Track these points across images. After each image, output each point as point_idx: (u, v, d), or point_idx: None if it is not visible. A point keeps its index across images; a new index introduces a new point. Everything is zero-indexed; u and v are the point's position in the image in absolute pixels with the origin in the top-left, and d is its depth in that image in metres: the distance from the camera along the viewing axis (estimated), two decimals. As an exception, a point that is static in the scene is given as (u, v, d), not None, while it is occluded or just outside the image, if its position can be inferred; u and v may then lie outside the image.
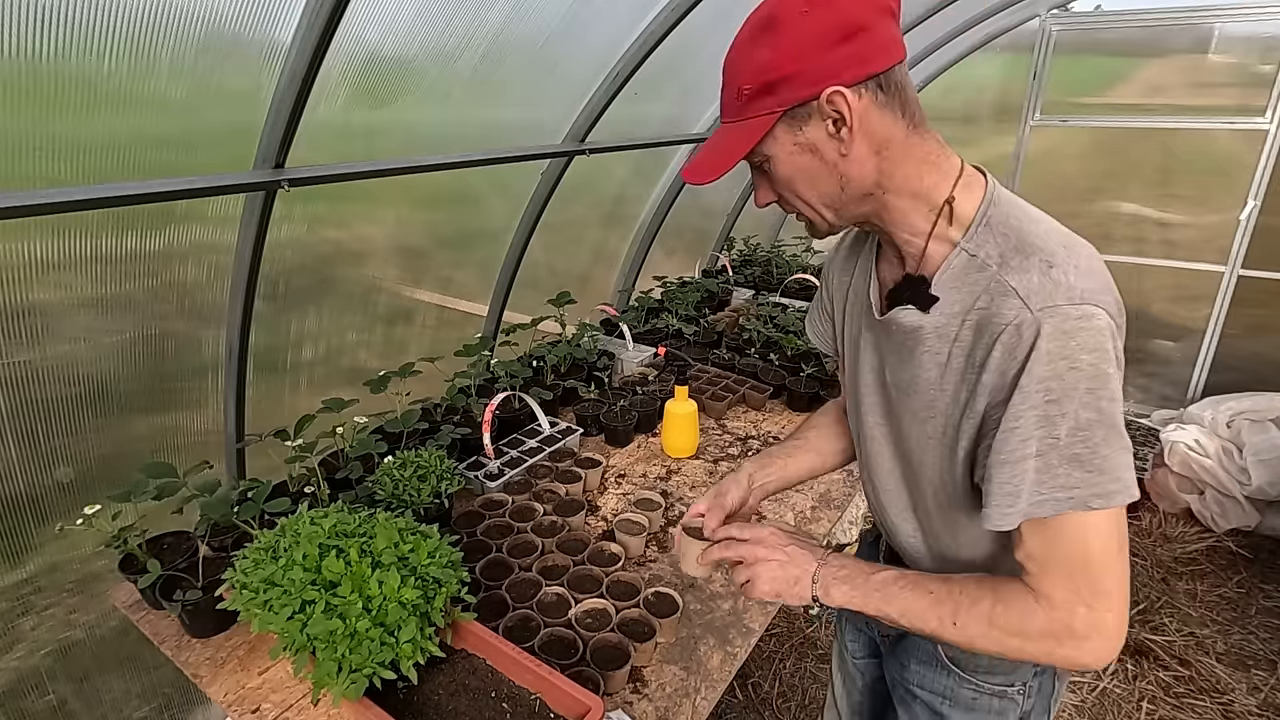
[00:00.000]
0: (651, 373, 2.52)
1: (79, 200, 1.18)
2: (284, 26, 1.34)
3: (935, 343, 0.83)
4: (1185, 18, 3.60)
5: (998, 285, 0.76)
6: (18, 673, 1.51)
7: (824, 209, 0.85)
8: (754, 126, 0.80)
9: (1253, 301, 3.72)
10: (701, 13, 2.09)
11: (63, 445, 1.48)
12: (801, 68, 0.75)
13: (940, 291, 0.81)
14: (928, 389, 0.85)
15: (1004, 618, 0.80)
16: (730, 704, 2.40)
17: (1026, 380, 0.72)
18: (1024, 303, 0.73)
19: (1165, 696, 2.42)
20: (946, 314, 0.81)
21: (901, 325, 0.86)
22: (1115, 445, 0.72)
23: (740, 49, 0.81)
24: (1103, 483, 0.72)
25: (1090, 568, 0.76)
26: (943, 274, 0.81)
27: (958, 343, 0.80)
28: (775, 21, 0.76)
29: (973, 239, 0.80)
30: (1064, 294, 0.72)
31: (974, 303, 0.78)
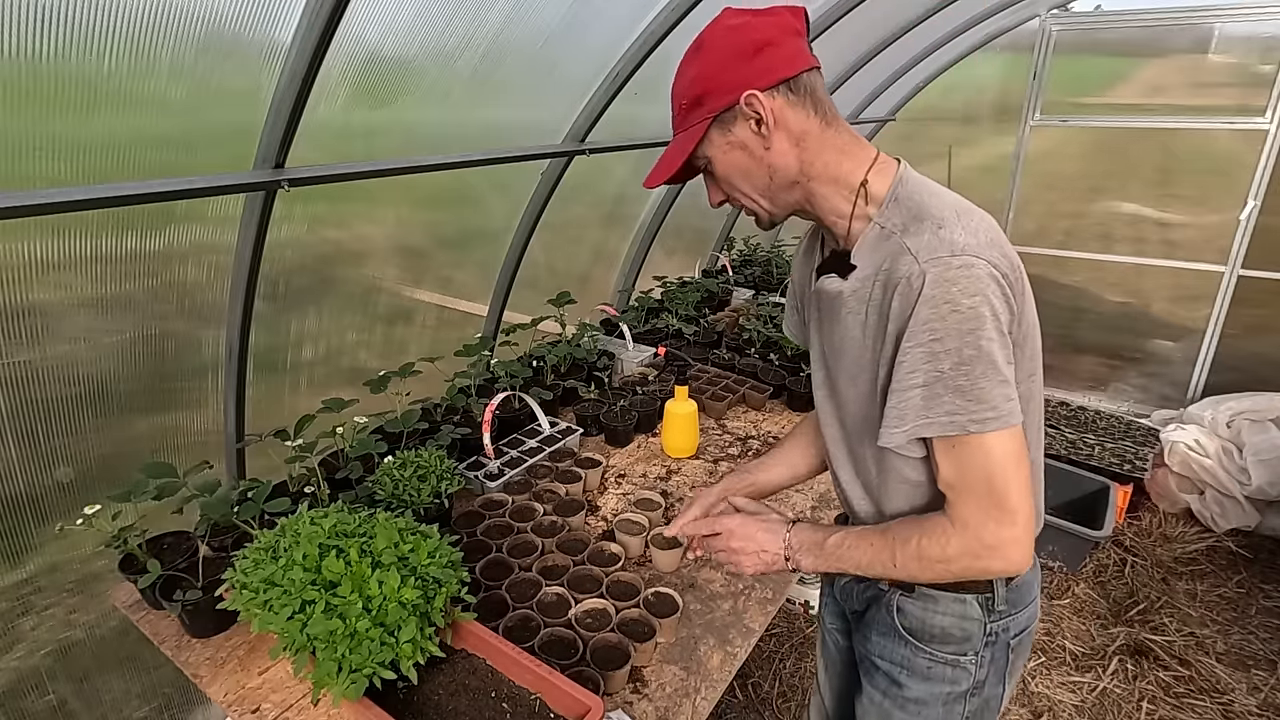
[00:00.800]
0: (651, 373, 2.52)
1: (79, 200, 1.18)
2: (284, 26, 1.34)
3: (855, 304, 0.95)
4: (1185, 18, 3.60)
5: (898, 247, 0.88)
6: (18, 673, 1.51)
7: (760, 198, 0.99)
8: (691, 134, 0.95)
9: (1253, 301, 3.72)
10: (701, 13, 2.09)
11: (63, 445, 1.48)
12: (723, 79, 0.91)
13: (857, 260, 0.94)
14: (854, 348, 0.97)
15: (929, 548, 0.91)
16: (730, 704, 2.40)
17: (914, 322, 0.84)
18: (914, 258, 0.84)
19: (1165, 696, 2.42)
20: (860, 278, 0.94)
21: (827, 292, 0.99)
22: (993, 379, 0.82)
23: (679, 71, 0.96)
24: (980, 410, 0.82)
25: (994, 488, 0.86)
26: (859, 246, 0.95)
27: (871, 302, 0.92)
28: (701, 45, 0.93)
29: (883, 214, 0.93)
30: (947, 248, 0.83)
31: (881, 265, 0.90)
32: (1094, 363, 4.28)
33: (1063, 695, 2.43)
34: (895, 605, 1.09)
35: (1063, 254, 4.18)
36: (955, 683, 1.08)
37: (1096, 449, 3.54)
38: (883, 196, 0.93)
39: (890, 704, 1.12)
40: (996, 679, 1.08)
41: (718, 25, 0.93)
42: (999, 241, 0.87)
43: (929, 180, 0.96)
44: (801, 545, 1.05)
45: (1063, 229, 4.18)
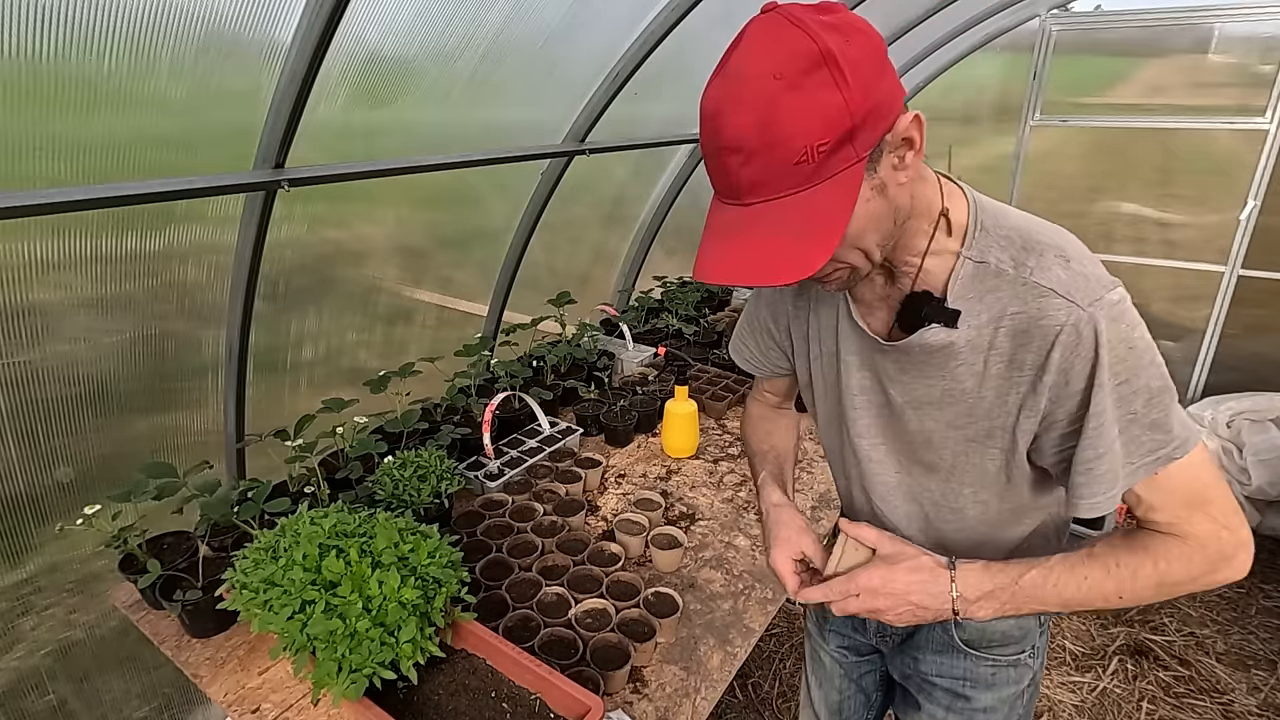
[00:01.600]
0: (651, 373, 2.52)
1: (79, 200, 1.18)
2: (284, 26, 1.34)
3: (969, 355, 0.82)
4: (1185, 18, 3.60)
5: (1028, 288, 0.77)
6: (18, 673, 1.51)
7: (877, 250, 0.77)
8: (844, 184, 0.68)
9: (1253, 301, 3.72)
10: (701, 13, 2.09)
11: (63, 445, 1.48)
12: (877, 98, 0.67)
13: (959, 304, 0.81)
14: (964, 399, 0.85)
15: (1172, 573, 0.82)
16: (730, 704, 2.40)
17: (1100, 374, 0.74)
18: (1069, 300, 0.74)
19: (1165, 696, 2.42)
20: (975, 325, 0.81)
21: (928, 345, 0.84)
22: (1174, 399, 0.77)
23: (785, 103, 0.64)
24: (1177, 435, 0.77)
25: (1210, 497, 0.80)
26: (954, 286, 0.81)
27: (994, 350, 0.81)
28: (830, 58, 0.64)
29: (974, 246, 0.80)
30: (1096, 284, 0.75)
31: (1005, 309, 0.79)
32: (1094, 363, 4.27)
33: (1063, 695, 2.43)
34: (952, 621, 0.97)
35: (1063, 254, 4.17)
36: (1019, 681, 1.07)
37: (1096, 449, 3.53)
38: (964, 225, 0.81)
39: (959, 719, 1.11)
40: (1043, 662, 1.10)
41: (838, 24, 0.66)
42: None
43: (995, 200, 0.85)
44: (978, 594, 0.84)
45: (1063, 229, 4.18)
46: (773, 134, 0.65)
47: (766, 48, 0.66)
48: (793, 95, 0.64)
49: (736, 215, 0.72)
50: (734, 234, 0.72)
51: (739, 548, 1.66)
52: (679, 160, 3.15)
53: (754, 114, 0.65)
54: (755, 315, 1.14)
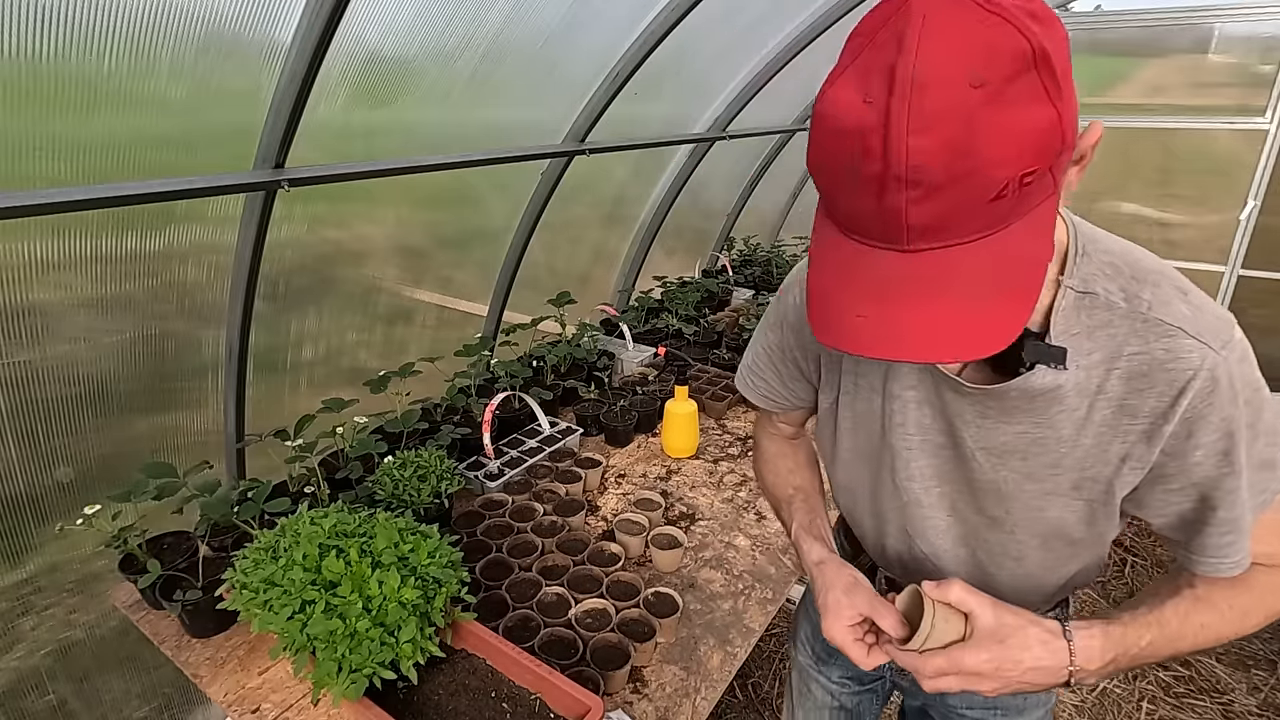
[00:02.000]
0: (651, 373, 2.52)
1: (79, 200, 1.18)
2: (284, 26, 1.34)
3: (1074, 399, 0.72)
4: (1185, 18, 3.60)
5: (1148, 325, 0.67)
6: (18, 673, 1.51)
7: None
8: (1040, 221, 0.56)
9: (1253, 301, 3.72)
10: (701, 13, 2.09)
11: (63, 445, 1.48)
12: (1075, 111, 0.53)
13: (1064, 341, 0.70)
14: (1055, 448, 0.75)
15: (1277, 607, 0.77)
16: (730, 704, 2.40)
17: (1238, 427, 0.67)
18: (1201, 342, 0.66)
19: (1165, 696, 2.42)
20: (1084, 366, 0.70)
21: (1029, 390, 0.72)
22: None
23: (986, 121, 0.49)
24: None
25: None
26: (1057, 321, 0.70)
27: (1103, 394, 0.71)
28: (1043, 59, 0.50)
29: (1075, 274, 0.70)
30: (1224, 322, 0.68)
31: (1120, 349, 0.69)
32: (1094, 363, 4.27)
33: (1063, 695, 2.43)
34: None
35: (1063, 254, 4.18)
36: (1045, 703, 1.06)
37: (1096, 449, 3.53)
38: (1064, 248, 0.71)
39: None
40: None
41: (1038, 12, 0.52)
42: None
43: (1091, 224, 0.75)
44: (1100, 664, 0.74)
45: (1063, 229, 4.18)
46: (969, 162, 0.50)
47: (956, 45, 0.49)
48: (996, 110, 0.49)
49: (897, 265, 0.55)
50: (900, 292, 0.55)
51: (739, 548, 1.66)
52: (679, 160, 3.15)
53: (944, 135, 0.49)
54: (779, 345, 0.99)
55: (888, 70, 0.50)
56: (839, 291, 0.58)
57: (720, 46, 2.56)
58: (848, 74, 0.54)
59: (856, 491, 0.99)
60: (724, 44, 2.55)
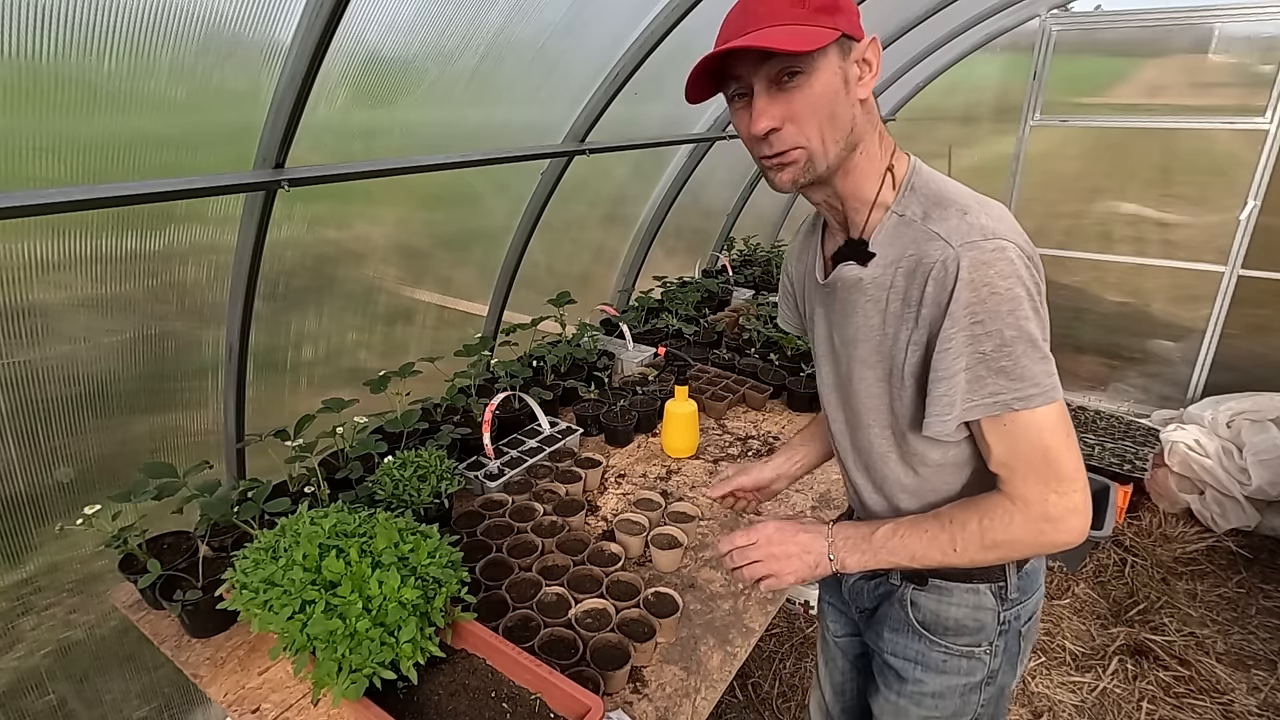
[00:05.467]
0: (651, 373, 2.52)
1: (79, 200, 1.18)
2: (284, 26, 1.34)
3: (875, 291, 0.94)
4: (1185, 18, 3.60)
5: (923, 233, 0.88)
6: (18, 673, 1.51)
7: (832, 144, 0.87)
8: (821, 35, 0.81)
9: (1253, 301, 3.72)
10: (701, 13, 2.09)
11: (63, 445, 1.48)
12: (851, 8, 0.85)
13: (876, 248, 0.93)
14: (872, 335, 0.96)
15: (993, 530, 0.90)
16: (730, 704, 2.40)
17: (955, 306, 0.83)
18: (946, 242, 0.85)
19: (1165, 696, 2.42)
20: (881, 265, 0.93)
21: (845, 281, 0.97)
22: (1034, 357, 0.83)
23: None
24: (1024, 388, 0.83)
25: (1049, 460, 0.86)
26: (878, 234, 0.93)
27: (893, 289, 0.91)
28: None
29: (900, 202, 0.92)
30: (978, 232, 0.84)
31: (904, 252, 0.90)
32: (1094, 363, 4.28)
33: (1063, 695, 2.43)
34: (909, 600, 1.09)
35: (1063, 254, 4.18)
36: (970, 674, 1.08)
37: (1096, 449, 3.54)
38: (900, 184, 0.94)
39: (906, 701, 1.13)
40: (1009, 666, 1.10)
41: None
42: (1017, 228, 0.88)
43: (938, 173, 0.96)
44: (847, 542, 0.99)
45: (1063, 229, 4.18)
46: None
47: None
48: None
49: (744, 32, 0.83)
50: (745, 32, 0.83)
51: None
52: (679, 160, 3.15)
53: None
54: (783, 280, 1.25)
55: None
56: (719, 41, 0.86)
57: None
58: None
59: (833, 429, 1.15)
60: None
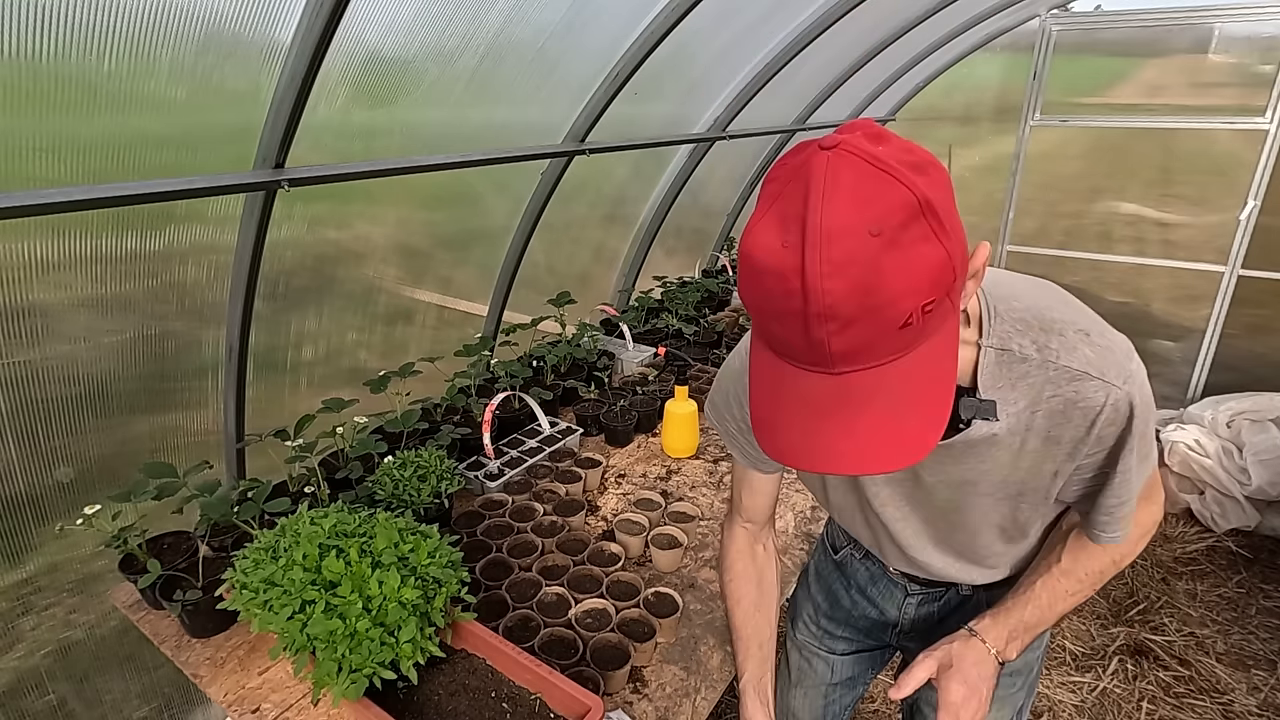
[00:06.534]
0: (651, 373, 2.52)
1: (79, 200, 1.18)
2: (284, 26, 1.34)
3: (1008, 439, 0.84)
4: (1185, 18, 3.60)
5: (1060, 373, 0.79)
6: (18, 673, 1.51)
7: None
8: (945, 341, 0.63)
9: (1253, 301, 3.72)
10: (702, 12, 2.09)
11: (63, 445, 1.48)
12: (963, 243, 0.62)
13: (992, 394, 0.81)
14: (998, 473, 0.88)
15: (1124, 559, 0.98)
16: (730, 704, 2.39)
17: (1131, 440, 0.81)
18: (1105, 381, 0.78)
19: (1165, 696, 2.42)
20: (1013, 413, 0.82)
21: (969, 440, 0.85)
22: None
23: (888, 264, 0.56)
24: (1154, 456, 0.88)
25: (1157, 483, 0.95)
26: (983, 378, 0.80)
27: (1031, 431, 0.83)
28: (929, 207, 0.57)
29: (992, 334, 0.80)
30: (1122, 354, 0.79)
31: (1040, 395, 0.80)
32: (1094, 363, 4.27)
33: (1063, 695, 2.43)
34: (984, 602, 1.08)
35: (1063, 254, 4.18)
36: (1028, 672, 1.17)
37: (1096, 449, 3.53)
38: (977, 313, 0.81)
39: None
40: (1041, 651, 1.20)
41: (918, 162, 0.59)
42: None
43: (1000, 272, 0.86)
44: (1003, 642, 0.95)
45: (1063, 229, 4.18)
46: (876, 298, 0.57)
47: (855, 199, 0.56)
48: (895, 254, 0.56)
49: (824, 386, 0.62)
50: (828, 410, 0.63)
51: (739, 548, 1.66)
52: (679, 160, 3.15)
53: (852, 278, 0.56)
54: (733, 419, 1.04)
55: (799, 220, 0.57)
56: (777, 409, 0.67)
57: (720, 46, 2.55)
58: (767, 218, 0.61)
59: (848, 512, 1.12)
60: (724, 44, 2.55)
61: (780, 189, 0.61)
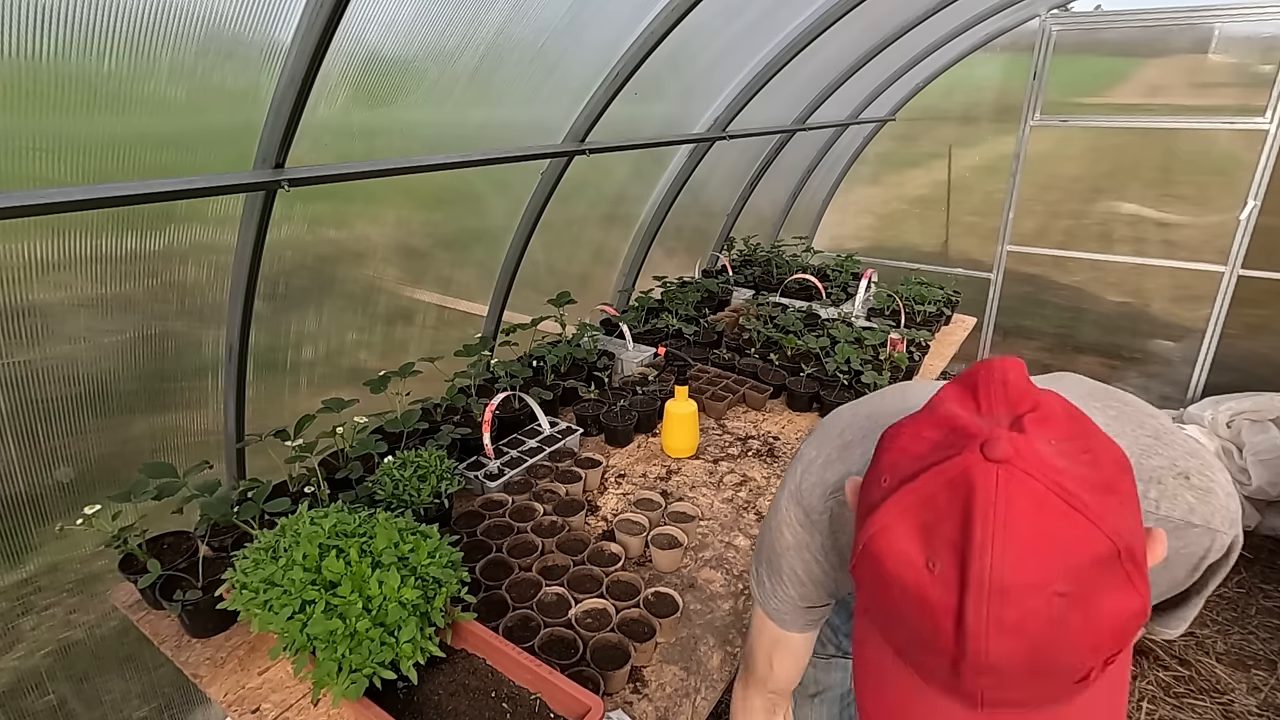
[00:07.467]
0: (651, 373, 2.52)
1: (79, 200, 1.18)
2: (284, 26, 1.34)
3: None
4: (1185, 18, 3.60)
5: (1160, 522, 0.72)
6: (18, 673, 1.51)
7: None
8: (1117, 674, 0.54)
9: (1253, 301, 3.72)
10: (702, 12, 2.09)
11: (63, 445, 1.48)
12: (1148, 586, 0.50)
13: None
14: None
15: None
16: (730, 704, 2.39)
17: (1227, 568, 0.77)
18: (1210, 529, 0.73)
19: (1165, 696, 2.42)
20: None
21: None
22: None
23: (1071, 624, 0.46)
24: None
25: None
26: None
27: None
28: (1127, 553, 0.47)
29: None
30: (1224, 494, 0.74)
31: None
32: (1094, 363, 4.27)
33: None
34: None
35: (1063, 254, 4.18)
36: None
37: (1096, 449, 3.53)
38: None
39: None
40: None
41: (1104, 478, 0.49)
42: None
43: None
44: None
45: (1063, 229, 4.18)
46: (1053, 662, 0.47)
47: (1037, 548, 0.46)
48: (1082, 613, 0.46)
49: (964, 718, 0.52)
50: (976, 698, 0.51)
51: (739, 548, 1.66)
52: (679, 160, 3.15)
53: (1028, 643, 0.46)
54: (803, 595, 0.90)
55: (956, 551, 0.47)
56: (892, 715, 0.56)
57: (720, 46, 2.55)
58: (905, 521, 0.50)
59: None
60: (724, 44, 2.55)
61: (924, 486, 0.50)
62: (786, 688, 1.02)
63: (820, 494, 0.84)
